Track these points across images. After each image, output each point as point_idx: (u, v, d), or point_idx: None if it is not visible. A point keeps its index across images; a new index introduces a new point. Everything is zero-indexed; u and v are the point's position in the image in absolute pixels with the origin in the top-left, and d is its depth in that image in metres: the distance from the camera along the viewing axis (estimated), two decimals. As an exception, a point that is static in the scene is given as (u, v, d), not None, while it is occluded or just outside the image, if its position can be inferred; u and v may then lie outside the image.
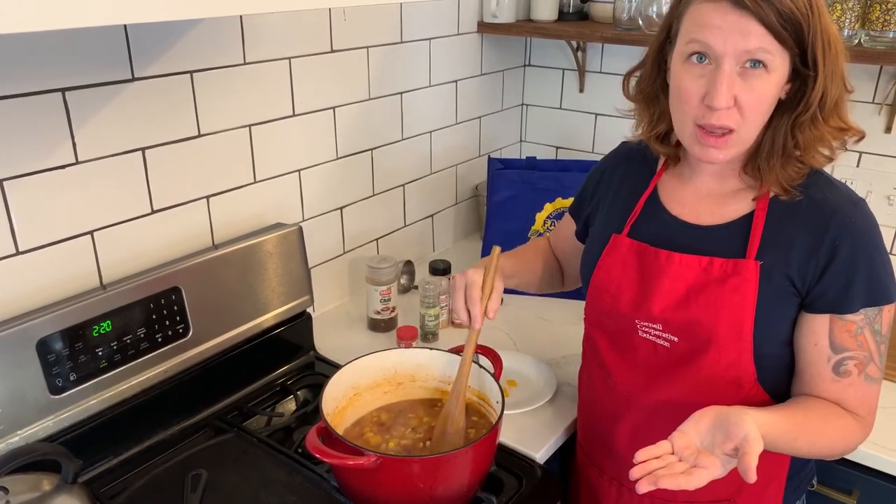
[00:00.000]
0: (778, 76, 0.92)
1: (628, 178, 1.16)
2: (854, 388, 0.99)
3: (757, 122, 0.95)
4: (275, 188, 1.51)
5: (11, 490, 0.94)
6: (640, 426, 1.11)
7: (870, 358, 0.98)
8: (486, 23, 1.96)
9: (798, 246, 0.97)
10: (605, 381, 1.15)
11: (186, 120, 1.30)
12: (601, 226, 1.17)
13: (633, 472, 0.85)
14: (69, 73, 1.11)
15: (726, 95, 0.91)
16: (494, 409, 1.12)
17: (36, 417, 1.08)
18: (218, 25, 1.30)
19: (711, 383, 1.02)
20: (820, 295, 0.97)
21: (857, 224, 0.97)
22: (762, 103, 0.93)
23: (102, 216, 1.21)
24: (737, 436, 0.85)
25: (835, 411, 0.99)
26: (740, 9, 0.88)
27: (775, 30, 0.88)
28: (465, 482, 1.05)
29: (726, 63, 0.90)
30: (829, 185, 1.01)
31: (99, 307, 1.14)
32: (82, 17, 0.62)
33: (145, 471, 1.18)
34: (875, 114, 1.71)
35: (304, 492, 1.13)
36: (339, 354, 1.49)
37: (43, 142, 1.11)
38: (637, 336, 1.08)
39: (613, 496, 1.20)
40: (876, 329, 0.98)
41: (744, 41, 0.89)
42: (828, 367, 0.99)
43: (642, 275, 1.07)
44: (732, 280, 0.99)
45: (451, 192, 2.07)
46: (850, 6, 1.48)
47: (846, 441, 1.01)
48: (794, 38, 0.90)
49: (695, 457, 0.86)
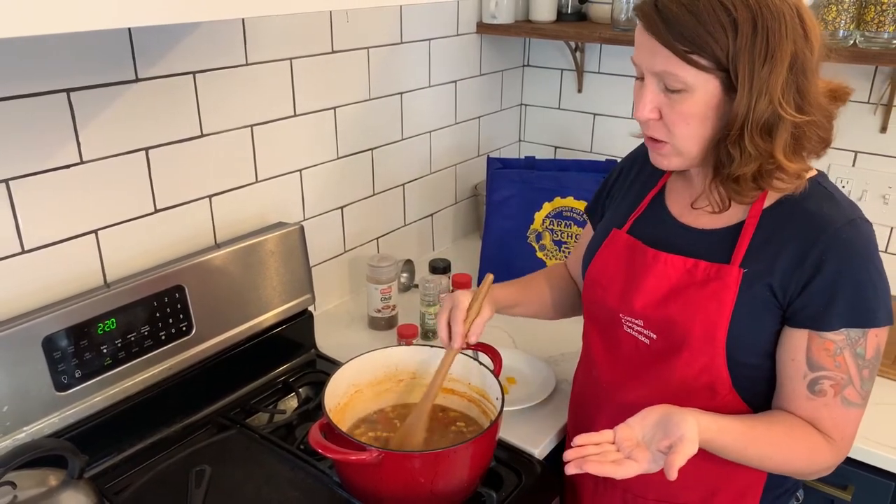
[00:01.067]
0: (702, 95, 0.90)
1: (641, 176, 1.17)
2: (828, 409, 0.96)
3: (687, 136, 0.94)
4: (276, 188, 1.52)
5: (19, 485, 0.95)
6: (617, 420, 1.11)
7: (848, 381, 0.95)
8: (485, 23, 1.97)
9: (784, 256, 0.96)
10: (591, 372, 1.17)
11: (189, 120, 1.31)
12: (608, 220, 1.19)
13: (566, 454, 0.89)
14: (74, 74, 1.12)
15: (647, 108, 0.94)
16: (494, 406, 1.13)
17: (42, 414, 1.09)
18: (220, 27, 1.32)
19: (685, 386, 1.02)
20: (800, 309, 0.95)
21: (847, 242, 0.93)
22: (687, 121, 0.93)
23: (106, 215, 1.23)
24: (673, 434, 0.87)
25: (804, 430, 0.97)
26: (647, 31, 0.92)
27: (679, 53, 0.88)
28: (465, 477, 1.07)
29: (647, 79, 0.94)
30: (828, 198, 0.98)
31: (103, 305, 1.15)
32: (87, 21, 0.63)
33: (150, 467, 1.19)
34: (870, 114, 1.72)
35: (307, 487, 1.15)
36: (340, 352, 1.50)
37: (48, 142, 1.12)
38: (622, 330, 1.10)
39: (590, 488, 1.21)
40: (858, 352, 0.94)
41: (652, 62, 0.92)
42: (803, 383, 0.96)
43: (631, 270, 1.08)
44: (713, 284, 0.99)
45: (451, 192, 2.09)
46: (846, 7, 1.50)
47: (811, 461, 0.98)
48: (712, 62, 0.88)
49: (631, 449, 0.88)
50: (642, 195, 1.14)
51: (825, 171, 1.77)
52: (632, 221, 1.12)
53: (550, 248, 1.85)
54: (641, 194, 1.14)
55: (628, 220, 1.13)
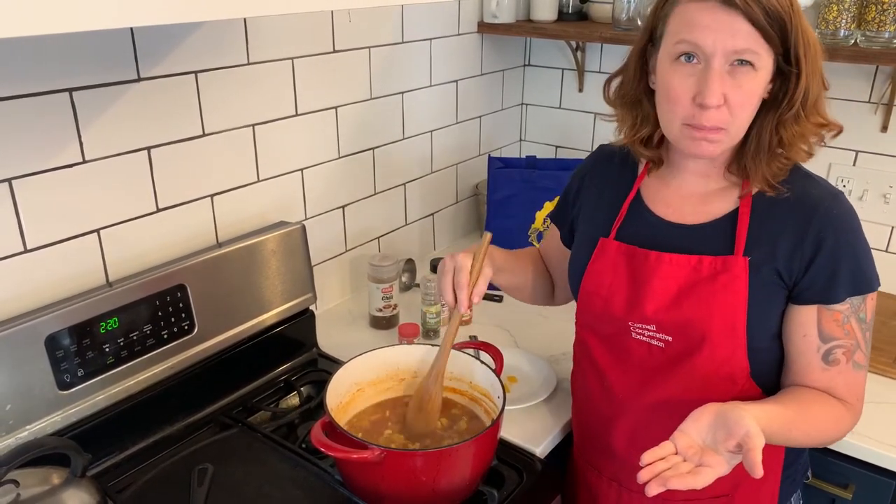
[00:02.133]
0: (764, 74, 0.94)
1: (610, 182, 1.17)
2: (843, 375, 1.01)
3: (745, 119, 0.97)
4: (278, 187, 1.52)
5: (22, 483, 0.95)
6: (637, 427, 1.12)
7: (857, 345, 1.01)
8: (486, 23, 1.97)
9: (783, 240, 0.99)
10: (601, 384, 1.15)
11: (191, 119, 1.32)
12: (586, 231, 1.17)
13: (641, 475, 0.85)
14: (76, 74, 1.13)
15: (717, 94, 0.92)
16: (496, 404, 1.14)
17: (44, 412, 1.10)
18: (222, 26, 1.32)
19: (706, 381, 1.04)
20: (807, 287, 0.99)
21: (839, 216, 0.99)
22: (750, 101, 0.95)
23: (108, 214, 1.23)
24: (738, 433, 0.85)
25: (826, 400, 1.01)
26: (729, 8, 0.90)
27: (763, 28, 0.90)
28: (467, 475, 1.07)
29: (716, 62, 0.92)
30: (807, 178, 1.03)
31: (106, 304, 1.15)
32: (89, 21, 0.63)
33: (152, 465, 1.19)
34: (871, 113, 1.72)
35: (309, 485, 1.15)
36: (342, 351, 1.50)
37: (50, 141, 1.12)
38: (631, 338, 1.09)
39: (613, 497, 1.20)
40: (861, 317, 1.00)
41: (733, 40, 0.91)
42: (817, 356, 1.01)
43: (633, 277, 1.08)
44: (722, 277, 1.00)
45: (452, 191, 2.09)
46: (847, 7, 1.50)
47: (839, 428, 1.03)
48: (780, 37, 0.92)
49: (698, 455, 0.86)
50: (619, 201, 1.13)
51: (826, 169, 1.79)
52: (616, 228, 1.12)
53: (551, 248, 1.85)
54: (618, 200, 1.13)
55: (612, 227, 1.12)
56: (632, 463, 1.13)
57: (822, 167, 1.79)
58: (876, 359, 1.48)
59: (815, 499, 1.37)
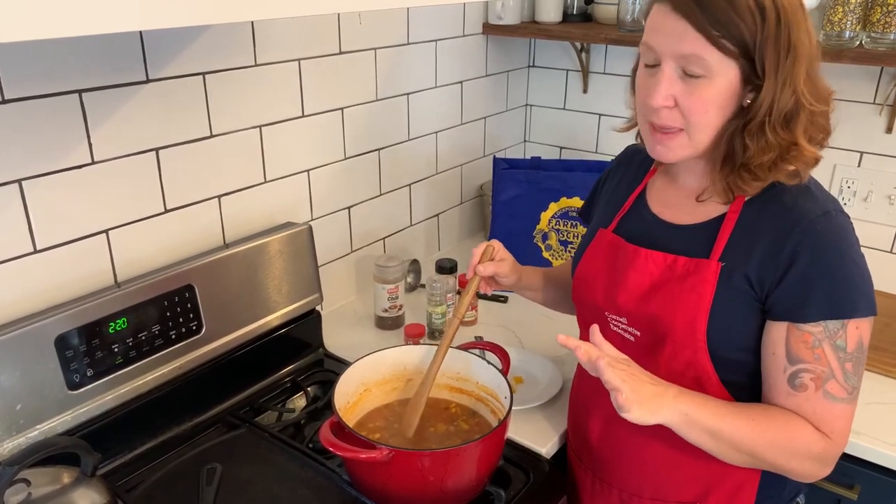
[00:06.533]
0: (723, 82, 0.91)
1: (626, 178, 1.19)
2: (811, 404, 0.95)
3: (703, 125, 0.95)
4: (284, 188, 1.53)
5: (33, 482, 0.96)
6: (609, 420, 1.12)
7: (830, 374, 0.94)
8: (491, 24, 1.98)
9: (760, 250, 0.96)
10: (582, 375, 1.18)
11: (199, 121, 1.32)
12: (595, 222, 1.21)
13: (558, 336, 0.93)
14: (85, 76, 1.13)
15: (662, 95, 0.93)
16: (503, 405, 1.14)
17: (54, 412, 1.10)
18: (229, 29, 1.33)
19: (674, 380, 1.01)
20: (777, 301, 0.95)
21: (823, 233, 0.94)
22: (703, 107, 0.93)
23: (117, 215, 1.23)
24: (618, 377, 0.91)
25: (796, 421, 0.96)
26: (676, 13, 0.91)
27: (710, 37, 0.89)
28: (474, 476, 1.07)
29: (665, 64, 0.93)
30: (804, 192, 0.98)
31: (114, 305, 1.16)
32: (101, 25, 0.63)
33: (161, 464, 1.20)
34: (876, 114, 1.73)
35: (317, 485, 1.16)
36: (348, 352, 1.51)
37: (60, 142, 1.13)
38: (609, 329, 1.11)
39: (588, 486, 1.22)
40: (838, 345, 0.93)
41: (679, 45, 0.91)
42: (783, 377, 0.96)
43: (613, 268, 1.10)
44: (692, 279, 1.00)
45: (457, 192, 2.10)
46: (852, 8, 1.50)
47: (809, 451, 0.96)
48: (738, 47, 0.89)
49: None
50: (627, 195, 1.16)
51: (831, 171, 1.79)
52: (617, 221, 1.14)
53: (556, 249, 1.86)
54: (626, 194, 1.16)
55: (614, 219, 1.15)
56: (604, 455, 1.16)
57: (827, 168, 1.79)
58: (881, 359, 1.49)
59: (820, 499, 1.37)
